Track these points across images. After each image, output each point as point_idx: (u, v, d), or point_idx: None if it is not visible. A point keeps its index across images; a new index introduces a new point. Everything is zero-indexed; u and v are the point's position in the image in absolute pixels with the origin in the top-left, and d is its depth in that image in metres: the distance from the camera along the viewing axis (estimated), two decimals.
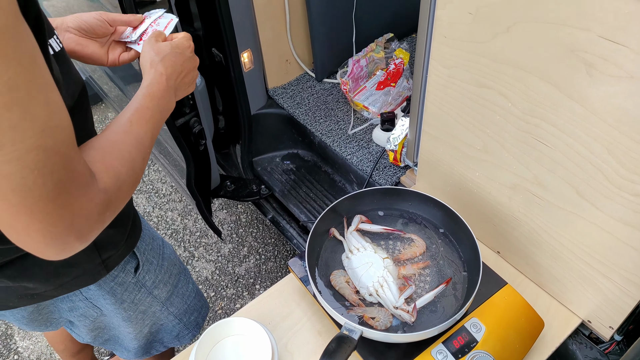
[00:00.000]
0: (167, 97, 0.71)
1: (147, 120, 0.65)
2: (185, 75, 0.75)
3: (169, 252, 1.02)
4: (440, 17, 0.86)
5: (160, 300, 1.00)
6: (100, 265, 0.82)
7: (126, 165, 0.58)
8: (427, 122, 1.04)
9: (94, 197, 0.51)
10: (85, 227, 0.51)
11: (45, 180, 0.44)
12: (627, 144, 0.69)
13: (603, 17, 0.62)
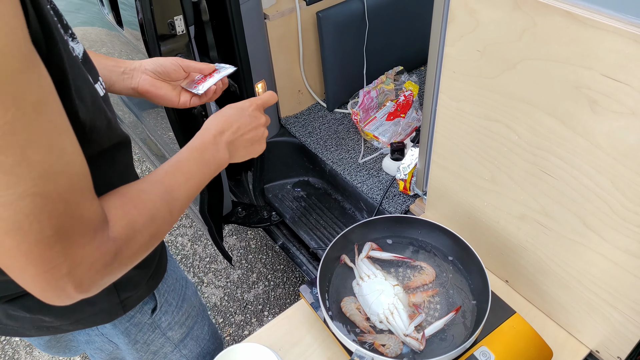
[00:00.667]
0: (212, 151, 0.70)
1: (183, 172, 0.64)
2: (245, 132, 0.74)
3: (190, 293, 0.98)
4: (450, 53, 0.90)
5: (174, 342, 0.97)
6: (118, 306, 0.79)
7: (144, 215, 0.56)
8: (436, 152, 1.07)
9: (100, 245, 0.48)
10: (87, 277, 0.48)
11: (42, 226, 0.43)
12: (630, 177, 0.71)
13: (605, 56, 0.66)
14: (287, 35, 1.68)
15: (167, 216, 0.60)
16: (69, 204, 0.45)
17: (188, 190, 0.64)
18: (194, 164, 0.66)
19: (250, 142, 0.77)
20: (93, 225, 0.48)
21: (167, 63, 0.82)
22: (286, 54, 1.71)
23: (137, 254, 0.56)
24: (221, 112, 0.75)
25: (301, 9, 1.65)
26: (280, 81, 1.74)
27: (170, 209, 0.60)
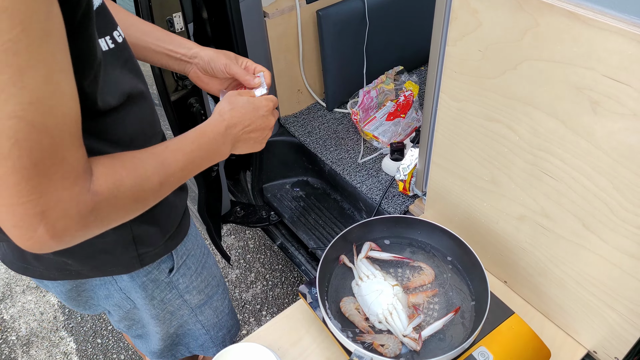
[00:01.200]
0: (219, 141, 0.71)
1: (184, 152, 0.66)
2: (253, 130, 0.76)
3: (210, 263, 1.02)
4: (451, 53, 0.90)
5: (191, 306, 1.00)
6: (136, 259, 0.82)
7: (133, 180, 0.57)
8: (436, 152, 1.07)
9: (79, 194, 0.50)
10: (60, 223, 0.49)
11: (21, 154, 0.44)
12: (631, 179, 0.71)
13: (607, 58, 0.66)
14: (287, 34, 1.68)
15: (157, 187, 0.61)
16: (54, 142, 0.46)
17: (184, 171, 0.66)
18: (197, 147, 0.68)
19: (254, 140, 0.78)
20: (75, 172, 0.49)
21: (218, 67, 0.85)
22: (286, 53, 1.71)
23: (118, 215, 0.57)
24: (237, 103, 0.76)
25: (301, 7, 1.64)
26: (279, 80, 1.74)
27: (161, 182, 0.62)
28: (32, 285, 2.19)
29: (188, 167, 0.67)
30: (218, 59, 0.85)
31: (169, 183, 0.64)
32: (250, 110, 0.76)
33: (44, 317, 2.07)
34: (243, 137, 0.76)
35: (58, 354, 1.93)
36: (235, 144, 0.76)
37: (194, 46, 0.86)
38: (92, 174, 0.53)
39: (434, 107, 1.03)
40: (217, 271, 1.07)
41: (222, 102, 0.77)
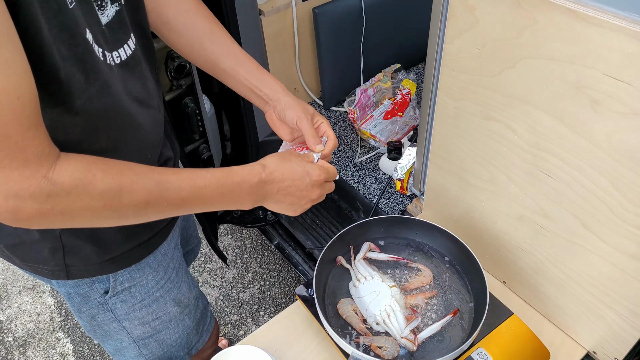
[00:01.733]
0: (245, 190, 0.68)
1: (194, 184, 0.62)
2: (290, 194, 0.72)
3: (167, 300, 0.94)
4: (449, 51, 0.89)
5: (132, 336, 0.93)
6: (62, 268, 0.77)
7: (109, 185, 0.55)
8: (434, 152, 1.06)
9: (30, 177, 0.50)
10: (12, 202, 0.50)
11: None
12: (631, 178, 0.70)
13: (608, 56, 0.65)
14: (283, 32, 1.66)
15: (141, 205, 0.58)
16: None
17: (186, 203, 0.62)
18: (214, 185, 0.64)
19: (288, 204, 0.74)
20: (25, 154, 0.49)
21: (291, 118, 0.82)
22: (282, 51, 1.69)
23: (83, 215, 0.55)
24: (288, 162, 0.72)
25: (297, 4, 1.63)
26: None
27: (148, 201, 0.59)
28: (29, 286, 2.18)
29: (192, 201, 0.63)
30: (293, 109, 0.82)
31: (159, 207, 0.61)
32: (297, 173, 0.72)
33: (41, 318, 2.05)
34: (276, 197, 0.72)
35: (55, 355, 1.92)
36: (266, 201, 0.72)
37: (279, 89, 0.84)
38: (54, 162, 0.52)
39: (432, 106, 1.02)
40: (175, 310, 0.97)
41: (275, 155, 0.74)
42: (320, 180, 0.74)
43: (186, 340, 1.04)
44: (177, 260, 0.97)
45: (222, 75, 0.85)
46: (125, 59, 0.66)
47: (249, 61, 0.85)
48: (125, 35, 0.67)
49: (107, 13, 0.62)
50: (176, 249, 0.97)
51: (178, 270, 0.97)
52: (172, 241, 0.95)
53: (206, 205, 0.66)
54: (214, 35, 0.83)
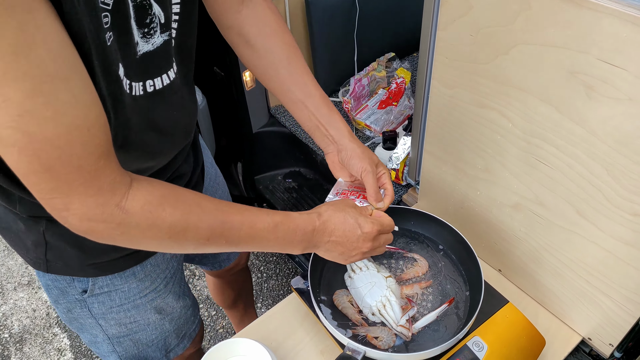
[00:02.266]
0: (298, 237, 0.71)
1: (253, 226, 0.65)
2: (340, 244, 0.75)
3: (148, 308, 0.92)
4: (442, 38, 0.88)
5: (107, 334, 0.92)
6: (42, 261, 0.78)
7: (177, 221, 0.58)
8: (429, 141, 1.05)
9: (104, 205, 0.53)
10: (85, 225, 0.53)
11: (30, 160, 0.47)
12: (626, 165, 0.70)
13: (602, 40, 0.64)
14: None
15: (202, 240, 0.62)
16: (63, 152, 0.48)
17: (242, 241, 0.65)
18: (271, 229, 0.67)
19: (338, 253, 0.76)
20: (98, 182, 0.51)
21: (356, 167, 0.84)
22: None
23: (148, 241, 0.59)
24: (342, 211, 0.75)
25: None
26: None
27: (209, 238, 0.62)
28: (24, 282, 2.17)
29: (248, 241, 0.66)
30: (360, 160, 0.84)
31: (218, 243, 0.64)
32: (349, 225, 0.74)
33: (37, 314, 2.05)
34: (327, 247, 0.75)
35: (52, 351, 1.92)
36: (317, 249, 0.75)
37: (346, 133, 0.85)
38: (126, 191, 0.54)
39: (426, 95, 1.01)
40: (155, 317, 0.95)
41: (332, 203, 0.77)
42: (371, 234, 0.76)
43: (164, 343, 1.02)
44: (171, 271, 0.95)
45: (289, 104, 0.86)
46: (160, 88, 0.66)
47: (320, 96, 0.85)
48: (167, 64, 0.66)
49: (153, 42, 0.61)
50: (173, 259, 0.95)
51: (169, 281, 0.94)
52: (168, 253, 0.92)
53: (260, 246, 0.69)
54: (290, 63, 0.84)
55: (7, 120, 0.44)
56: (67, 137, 0.47)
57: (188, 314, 1.05)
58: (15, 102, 0.44)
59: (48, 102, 0.45)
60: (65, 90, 0.46)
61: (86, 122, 0.49)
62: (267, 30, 0.83)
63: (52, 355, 1.90)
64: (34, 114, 0.45)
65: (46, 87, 0.45)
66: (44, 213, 0.67)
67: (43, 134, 0.46)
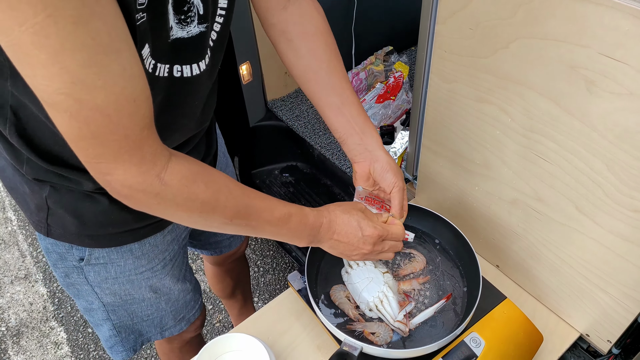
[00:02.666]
0: (306, 231, 0.74)
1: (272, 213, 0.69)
2: (343, 242, 0.78)
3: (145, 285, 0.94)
4: (441, 32, 0.87)
5: (102, 302, 0.94)
6: (44, 224, 0.80)
7: (209, 198, 0.61)
8: (427, 136, 1.04)
9: (145, 173, 0.55)
10: (126, 190, 0.56)
11: (80, 125, 0.49)
12: (626, 161, 0.69)
13: (603, 34, 0.63)
14: None
15: (226, 220, 0.65)
16: (111, 121, 0.50)
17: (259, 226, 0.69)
18: (285, 219, 0.71)
19: (341, 250, 0.80)
20: (141, 152, 0.54)
21: (388, 183, 0.86)
22: None
23: (181, 215, 0.62)
24: (348, 213, 0.78)
25: None
26: (266, 63, 1.69)
27: (232, 218, 0.65)
28: (21, 276, 2.16)
29: (264, 227, 0.70)
30: (394, 175, 0.85)
31: (239, 225, 0.67)
32: (352, 227, 0.77)
33: (34, 308, 2.04)
34: (330, 243, 0.78)
35: (49, 344, 1.92)
36: (321, 244, 0.79)
37: (380, 144, 0.85)
38: (166, 163, 0.57)
39: (424, 89, 1.00)
40: (150, 295, 0.96)
41: (342, 204, 0.79)
42: (371, 238, 0.78)
43: (159, 320, 1.04)
44: (171, 254, 0.95)
45: (325, 109, 0.85)
46: (188, 77, 0.67)
47: (357, 104, 0.85)
48: (199, 55, 0.67)
49: (188, 30, 0.62)
50: (174, 242, 0.96)
51: (167, 263, 0.95)
52: (171, 234, 0.93)
53: (272, 233, 0.73)
54: (330, 66, 0.83)
55: (61, 87, 0.46)
56: (115, 106, 0.49)
57: (187, 298, 1.06)
58: (71, 71, 0.45)
59: (100, 72, 0.47)
60: (116, 62, 0.48)
61: (133, 93, 0.51)
62: (311, 30, 0.82)
63: (49, 349, 1.90)
64: (87, 83, 0.47)
65: (100, 57, 0.47)
66: (48, 177, 0.72)
67: (94, 102, 0.48)
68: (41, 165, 0.70)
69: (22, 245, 2.29)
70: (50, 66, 0.45)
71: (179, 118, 0.74)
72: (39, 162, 0.69)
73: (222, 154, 1.09)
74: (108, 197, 0.75)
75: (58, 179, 0.72)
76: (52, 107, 0.49)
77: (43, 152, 0.68)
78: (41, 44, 0.43)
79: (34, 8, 0.42)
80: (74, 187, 0.74)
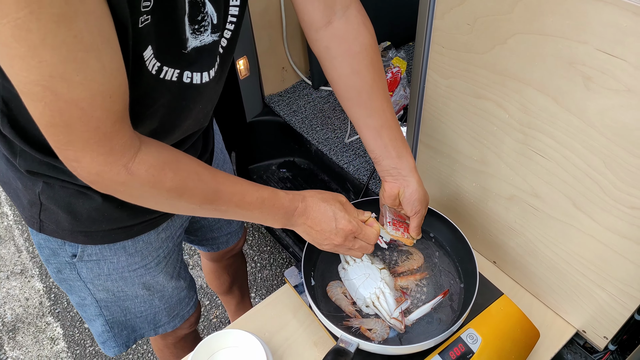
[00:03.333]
0: (279, 215, 0.74)
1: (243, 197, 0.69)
2: (315, 231, 0.77)
3: (138, 282, 0.93)
4: (439, 27, 0.86)
5: (95, 298, 0.93)
6: (36, 220, 0.80)
7: (176, 185, 0.62)
8: (424, 132, 1.04)
9: (112, 163, 0.56)
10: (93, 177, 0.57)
11: (53, 114, 0.50)
12: (624, 157, 0.69)
13: (601, 30, 0.63)
14: (270, 9, 1.62)
15: (194, 205, 0.66)
16: (85, 114, 0.51)
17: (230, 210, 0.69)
18: (258, 202, 0.70)
19: (312, 238, 0.79)
20: (111, 144, 0.54)
21: (412, 208, 0.87)
22: (269, 29, 1.65)
23: (147, 200, 0.64)
24: (326, 202, 0.77)
25: None
26: (263, 58, 1.68)
27: (201, 203, 0.66)
28: (17, 271, 2.15)
29: (235, 210, 0.70)
30: (419, 201, 0.86)
31: (208, 209, 0.68)
32: (326, 217, 0.77)
33: (30, 303, 2.04)
34: (302, 229, 0.78)
35: (45, 340, 1.91)
36: (295, 228, 0.78)
37: (414, 169, 0.85)
38: (135, 154, 0.57)
39: (422, 84, 0.99)
40: (143, 292, 0.96)
41: (320, 193, 0.79)
42: (344, 231, 0.77)
43: (153, 317, 1.04)
44: (165, 251, 0.95)
45: (364, 129, 0.85)
46: (197, 84, 0.68)
47: (396, 127, 0.85)
48: (210, 63, 0.67)
49: (201, 39, 0.63)
50: (168, 240, 0.95)
51: (161, 260, 0.95)
52: (165, 232, 0.93)
53: (244, 216, 0.73)
54: (373, 87, 0.82)
55: (39, 78, 0.47)
56: (90, 100, 0.50)
57: (182, 296, 1.06)
58: (50, 65, 0.46)
59: (79, 69, 0.48)
60: (96, 59, 0.49)
61: (110, 89, 0.51)
62: (356, 49, 0.80)
63: (45, 344, 1.90)
64: (65, 78, 0.47)
65: (80, 55, 0.47)
66: (42, 169, 0.72)
67: (70, 95, 0.49)
68: (35, 157, 0.70)
69: (18, 240, 2.28)
70: (29, 59, 0.45)
71: (184, 120, 0.74)
72: (33, 153, 0.69)
73: (219, 150, 1.09)
74: (102, 194, 0.75)
75: (52, 171, 0.72)
76: (27, 97, 0.49)
77: (36, 143, 0.68)
78: (22, 37, 0.44)
79: (17, 4, 0.42)
80: (68, 180, 0.73)
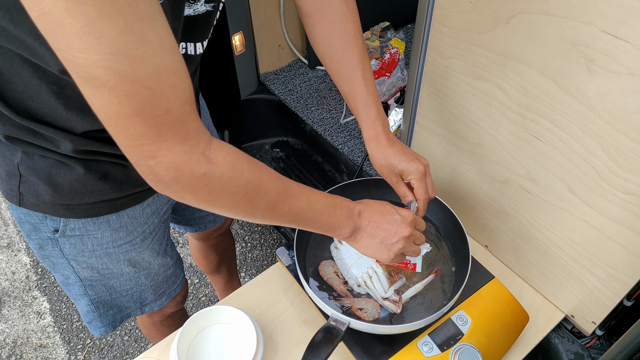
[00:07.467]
0: (344, 216, 0.71)
1: (310, 199, 0.66)
2: (381, 228, 0.74)
3: (123, 258, 0.92)
4: (441, 4, 0.84)
5: (79, 276, 0.92)
6: (15, 193, 0.77)
7: (252, 177, 0.58)
8: (421, 113, 1.03)
9: (190, 151, 0.52)
10: (171, 173, 0.52)
11: (121, 102, 0.46)
12: (621, 142, 0.68)
13: (606, 11, 0.61)
14: None
15: (269, 204, 0.62)
16: (153, 94, 0.47)
17: (293, 213, 0.65)
18: (318, 212, 0.68)
19: (380, 240, 0.75)
20: (185, 128, 0.51)
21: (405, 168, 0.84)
22: (266, 5, 1.62)
23: (226, 197, 0.58)
24: (380, 202, 0.76)
25: None
26: (259, 34, 1.66)
27: (272, 205, 0.62)
28: (3, 245, 2.13)
29: (305, 213, 0.66)
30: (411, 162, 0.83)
31: (281, 212, 0.64)
32: (387, 211, 0.75)
33: (16, 277, 2.02)
34: (368, 229, 0.74)
35: (31, 314, 1.90)
36: (361, 232, 0.74)
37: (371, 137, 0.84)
38: (209, 141, 0.54)
39: (421, 65, 0.98)
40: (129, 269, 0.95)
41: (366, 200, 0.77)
42: (409, 218, 0.76)
43: (139, 295, 1.02)
44: (150, 227, 0.93)
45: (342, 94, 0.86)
46: (192, 55, 0.66)
47: (361, 95, 0.84)
48: (203, 34, 0.66)
49: (195, 8, 0.61)
50: (154, 215, 0.93)
51: (147, 236, 0.93)
52: (151, 207, 0.91)
53: (313, 220, 0.68)
54: (345, 55, 0.82)
55: (99, 58, 0.43)
56: (156, 77, 0.47)
57: (168, 273, 1.05)
58: (109, 39, 0.43)
59: (138, 41, 0.45)
60: (153, 31, 0.46)
61: (172, 64, 0.48)
62: (330, 17, 0.81)
63: (31, 318, 1.89)
64: (126, 53, 0.44)
65: (137, 25, 0.44)
66: (22, 135, 0.68)
67: (134, 74, 0.45)
68: (15, 120, 0.66)
69: (5, 213, 2.26)
70: (86, 35, 0.42)
71: None
72: (12, 117, 0.66)
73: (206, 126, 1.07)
74: (84, 164, 0.73)
75: (33, 137, 0.69)
76: (90, 83, 0.45)
77: (16, 106, 0.65)
78: (77, 10, 0.41)
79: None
80: (50, 148, 0.70)
